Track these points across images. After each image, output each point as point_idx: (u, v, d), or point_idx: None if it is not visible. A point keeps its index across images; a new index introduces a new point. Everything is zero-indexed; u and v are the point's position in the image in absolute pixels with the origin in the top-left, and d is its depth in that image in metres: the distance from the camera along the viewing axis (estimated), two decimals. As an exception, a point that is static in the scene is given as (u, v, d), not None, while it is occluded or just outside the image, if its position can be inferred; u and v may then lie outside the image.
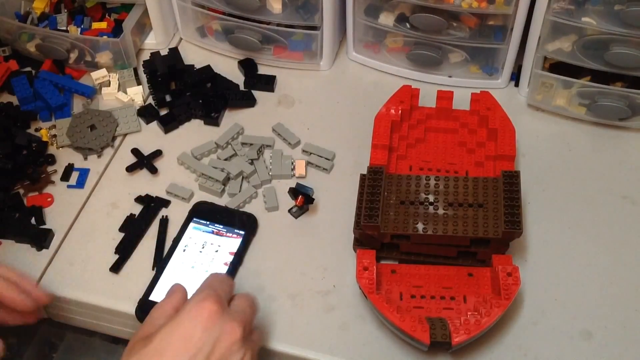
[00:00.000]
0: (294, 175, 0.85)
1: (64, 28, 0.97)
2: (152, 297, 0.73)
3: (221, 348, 0.58)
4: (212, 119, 0.91)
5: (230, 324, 0.59)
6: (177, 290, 0.64)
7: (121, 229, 0.81)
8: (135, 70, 0.96)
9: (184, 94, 0.93)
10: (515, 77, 0.94)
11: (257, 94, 0.94)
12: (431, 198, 0.75)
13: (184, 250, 0.77)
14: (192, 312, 0.59)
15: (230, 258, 0.77)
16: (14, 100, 0.93)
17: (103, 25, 0.97)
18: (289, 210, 0.82)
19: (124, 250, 0.78)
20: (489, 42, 0.89)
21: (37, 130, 0.91)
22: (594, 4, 0.80)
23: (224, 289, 0.63)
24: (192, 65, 0.97)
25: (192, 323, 0.58)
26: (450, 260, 0.75)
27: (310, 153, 0.87)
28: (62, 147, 0.89)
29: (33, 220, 0.81)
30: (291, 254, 0.79)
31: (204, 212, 0.81)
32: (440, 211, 0.74)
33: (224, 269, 0.76)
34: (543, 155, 0.87)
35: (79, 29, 0.97)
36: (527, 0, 0.83)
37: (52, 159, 0.87)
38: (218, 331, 0.58)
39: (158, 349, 0.57)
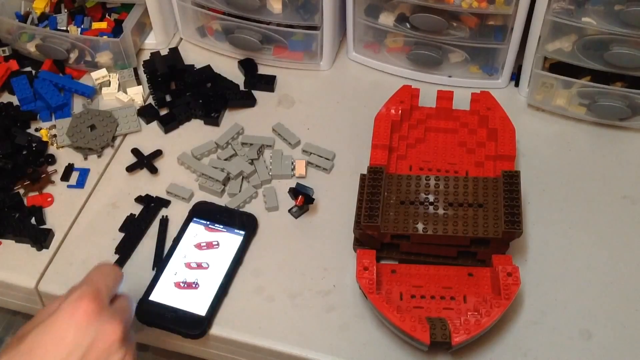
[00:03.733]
0: (294, 175, 0.85)
1: (64, 28, 0.97)
2: (152, 297, 0.73)
3: (97, 349, 0.54)
4: (212, 119, 0.91)
5: (109, 324, 0.56)
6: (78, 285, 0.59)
7: (121, 229, 0.81)
8: (135, 70, 0.96)
9: (184, 94, 0.93)
10: (515, 77, 0.94)
11: (257, 94, 0.94)
12: (431, 198, 0.75)
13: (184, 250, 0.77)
14: (67, 312, 0.55)
15: (230, 258, 0.77)
16: (14, 100, 0.93)
17: (103, 25, 0.97)
18: (289, 210, 0.82)
19: (124, 250, 0.78)
20: (489, 42, 0.89)
21: (37, 130, 0.91)
22: (594, 4, 0.80)
23: (106, 284, 0.59)
24: (192, 65, 0.97)
25: (66, 323, 0.54)
26: (450, 260, 0.75)
27: (310, 153, 0.87)
28: (62, 147, 0.89)
29: (33, 220, 0.81)
30: (291, 254, 0.78)
31: (204, 212, 0.80)
32: (440, 211, 0.74)
33: (223, 269, 0.76)
34: (543, 155, 0.87)
35: (79, 29, 0.97)
36: (527, 0, 0.83)
37: (52, 159, 0.87)
38: (94, 332, 0.55)
39: (27, 350, 0.54)
